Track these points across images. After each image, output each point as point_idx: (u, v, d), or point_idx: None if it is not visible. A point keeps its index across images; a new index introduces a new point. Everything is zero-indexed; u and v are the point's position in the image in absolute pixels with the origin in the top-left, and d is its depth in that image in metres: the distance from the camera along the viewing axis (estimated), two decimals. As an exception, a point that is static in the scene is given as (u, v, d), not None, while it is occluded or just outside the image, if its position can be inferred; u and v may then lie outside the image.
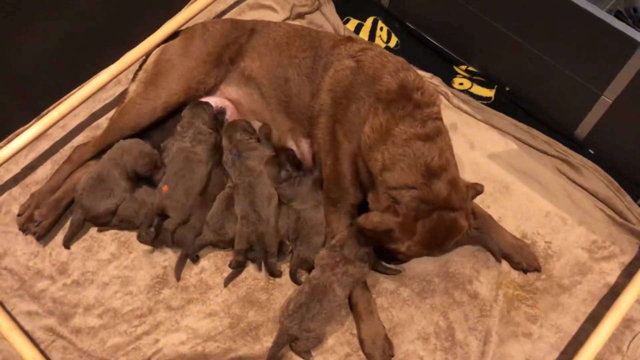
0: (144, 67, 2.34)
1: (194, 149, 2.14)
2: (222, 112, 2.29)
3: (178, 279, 2.08)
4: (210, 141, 2.18)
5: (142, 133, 2.24)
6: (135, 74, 2.36)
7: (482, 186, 1.94)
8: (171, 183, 2.07)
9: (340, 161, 2.04)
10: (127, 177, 2.13)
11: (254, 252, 2.05)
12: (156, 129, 2.27)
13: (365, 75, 2.04)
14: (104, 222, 2.14)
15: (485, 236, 2.11)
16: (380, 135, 1.89)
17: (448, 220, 1.82)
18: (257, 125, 2.28)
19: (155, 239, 2.07)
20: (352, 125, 2.00)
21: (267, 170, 2.13)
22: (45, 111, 2.39)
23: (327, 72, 2.13)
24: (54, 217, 2.14)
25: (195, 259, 2.10)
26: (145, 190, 2.15)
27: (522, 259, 2.10)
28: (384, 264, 2.07)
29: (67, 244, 2.12)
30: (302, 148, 2.23)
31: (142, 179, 2.17)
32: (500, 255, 2.12)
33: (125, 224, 2.14)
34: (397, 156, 1.83)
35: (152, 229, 2.04)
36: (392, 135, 1.87)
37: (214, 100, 2.30)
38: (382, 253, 1.99)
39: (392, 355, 1.94)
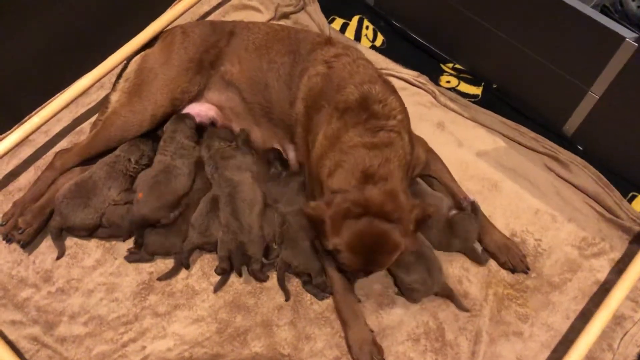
0: (125, 75, 2.29)
1: (174, 162, 2.11)
2: (213, 123, 2.26)
3: (161, 280, 2.06)
4: (193, 154, 2.17)
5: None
6: (116, 81, 2.32)
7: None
8: (145, 188, 2.05)
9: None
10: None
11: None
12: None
13: (332, 84, 1.99)
14: (81, 235, 2.12)
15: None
16: (331, 142, 1.86)
17: (378, 229, 1.71)
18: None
19: (143, 255, 2.07)
20: (315, 135, 1.96)
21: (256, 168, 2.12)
22: (27, 117, 2.37)
23: (302, 79, 2.09)
24: (39, 224, 2.11)
25: (187, 265, 2.08)
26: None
27: (508, 258, 2.08)
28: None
29: (61, 255, 2.10)
30: (287, 152, 2.21)
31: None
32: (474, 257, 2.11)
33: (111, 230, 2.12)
34: (340, 162, 1.80)
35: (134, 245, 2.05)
36: (340, 142, 1.84)
37: (199, 107, 2.27)
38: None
39: (382, 359, 1.92)
